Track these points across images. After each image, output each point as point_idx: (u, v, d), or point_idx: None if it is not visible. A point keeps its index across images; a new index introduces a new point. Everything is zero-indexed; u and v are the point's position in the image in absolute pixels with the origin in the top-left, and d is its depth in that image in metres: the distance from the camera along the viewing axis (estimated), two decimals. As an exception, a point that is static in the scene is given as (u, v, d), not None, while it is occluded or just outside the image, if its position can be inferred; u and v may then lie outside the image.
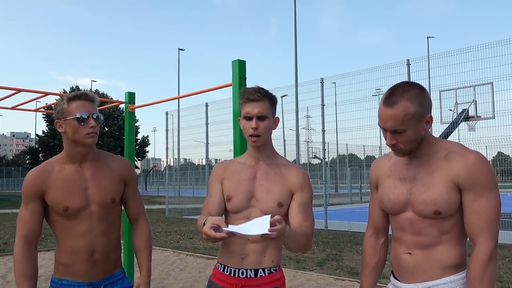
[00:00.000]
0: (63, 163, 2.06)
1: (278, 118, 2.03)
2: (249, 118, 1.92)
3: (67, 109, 1.99)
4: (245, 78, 4.71)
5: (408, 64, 10.82)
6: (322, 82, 12.26)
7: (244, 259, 1.91)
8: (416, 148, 1.74)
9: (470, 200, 1.65)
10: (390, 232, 1.97)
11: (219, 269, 2.00)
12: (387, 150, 1.89)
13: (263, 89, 1.95)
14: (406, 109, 1.64)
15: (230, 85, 4.81)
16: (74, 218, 2.00)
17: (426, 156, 1.75)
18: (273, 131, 2.02)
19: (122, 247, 2.28)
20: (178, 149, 18.17)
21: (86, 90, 2.03)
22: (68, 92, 29.61)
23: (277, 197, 1.93)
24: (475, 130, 11.80)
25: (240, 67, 4.67)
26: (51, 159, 2.12)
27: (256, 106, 1.91)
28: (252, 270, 1.92)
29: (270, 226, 1.54)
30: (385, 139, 1.74)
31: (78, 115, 1.97)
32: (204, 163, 19.13)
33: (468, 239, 1.73)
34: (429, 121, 1.70)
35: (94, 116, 2.00)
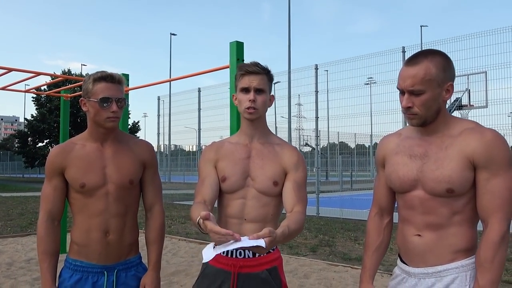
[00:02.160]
0: (85, 141, 2.07)
1: (273, 96, 2.01)
2: (246, 90, 1.89)
3: (91, 90, 1.97)
4: (243, 60, 4.63)
5: (404, 52, 10.78)
6: (316, 69, 12.21)
7: None
8: (432, 120, 1.66)
9: (485, 179, 1.58)
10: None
11: None
12: (378, 139, 1.84)
13: (260, 64, 1.93)
14: (428, 69, 1.60)
15: (228, 67, 4.74)
16: (90, 196, 2.00)
17: (439, 133, 1.68)
18: (265, 117, 1.99)
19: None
20: (169, 134, 18.09)
21: (113, 72, 1.98)
22: (60, 73, 29.29)
23: (272, 175, 1.90)
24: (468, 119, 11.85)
25: (238, 48, 4.59)
26: (75, 137, 2.11)
27: (254, 79, 1.88)
28: (251, 251, 1.87)
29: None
30: (401, 104, 1.67)
31: (100, 98, 1.94)
32: (194, 149, 19.06)
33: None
34: (450, 90, 1.64)
35: (117, 100, 1.97)
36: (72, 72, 33.43)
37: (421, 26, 31.12)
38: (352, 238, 8.35)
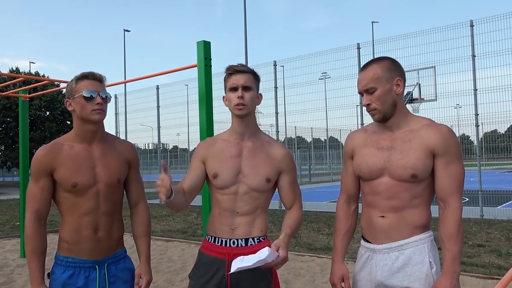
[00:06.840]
0: (72, 142, 2.13)
1: (261, 95, 2.14)
2: (234, 89, 2.03)
3: (75, 88, 2.08)
4: (210, 59, 4.74)
5: (359, 48, 11.17)
6: (275, 65, 12.42)
7: (234, 230, 2.03)
8: (391, 113, 1.92)
9: (444, 165, 1.85)
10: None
11: (209, 240, 2.10)
12: (334, 132, 2.08)
13: (246, 65, 2.10)
14: (375, 70, 1.91)
15: (195, 66, 4.82)
16: (81, 195, 2.07)
17: (401, 129, 1.94)
18: (255, 115, 2.15)
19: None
20: (126, 133, 17.80)
21: (93, 71, 2.16)
22: (8, 71, 28.29)
23: (265, 173, 2.05)
24: (418, 112, 12.42)
25: (205, 48, 4.69)
26: (60, 138, 2.18)
27: (242, 77, 2.02)
28: (243, 240, 2.03)
29: (272, 252, 1.76)
30: (363, 104, 1.97)
31: (84, 93, 2.04)
32: (151, 147, 18.83)
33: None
34: (400, 84, 1.92)
35: (101, 94, 2.08)
36: (21, 71, 32.10)
37: (372, 22, 31.97)
38: (315, 229, 8.63)
